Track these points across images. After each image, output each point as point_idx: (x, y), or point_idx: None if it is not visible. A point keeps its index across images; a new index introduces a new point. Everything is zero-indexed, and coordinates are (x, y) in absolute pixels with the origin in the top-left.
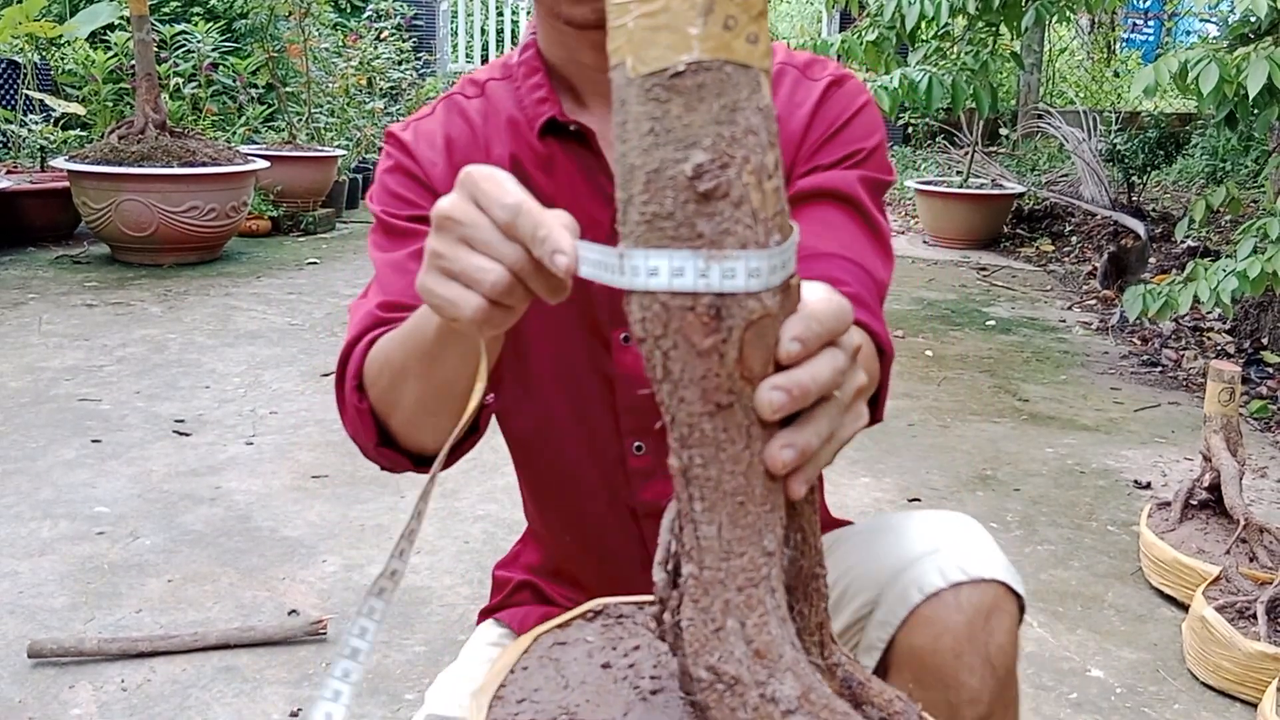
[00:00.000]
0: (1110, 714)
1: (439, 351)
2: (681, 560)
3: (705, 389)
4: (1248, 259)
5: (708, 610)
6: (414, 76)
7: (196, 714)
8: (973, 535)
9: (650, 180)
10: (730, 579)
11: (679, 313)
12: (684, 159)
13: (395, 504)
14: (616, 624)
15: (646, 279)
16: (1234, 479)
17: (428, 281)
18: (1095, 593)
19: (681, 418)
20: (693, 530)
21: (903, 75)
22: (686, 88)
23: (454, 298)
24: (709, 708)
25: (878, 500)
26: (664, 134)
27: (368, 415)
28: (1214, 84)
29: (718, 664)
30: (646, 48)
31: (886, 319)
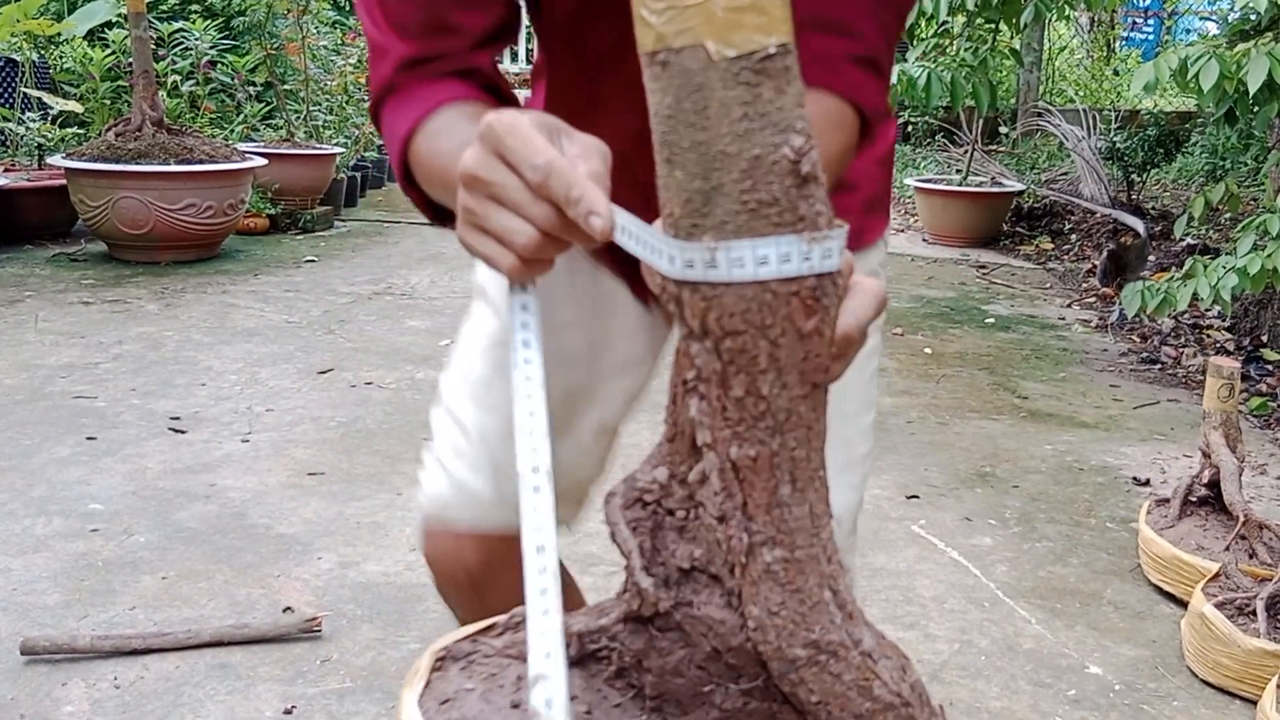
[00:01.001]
0: (1109, 711)
1: None
2: (757, 549)
3: (804, 371)
4: (1248, 255)
5: (803, 589)
6: None
7: (189, 711)
8: None
9: (751, 167)
10: (823, 553)
11: (786, 298)
12: (783, 143)
13: (391, 500)
14: (472, 664)
15: (755, 269)
16: (1233, 475)
17: (465, 236)
18: (1094, 589)
19: (780, 404)
20: (780, 515)
21: (901, 72)
22: (777, 70)
23: (490, 254)
24: (805, 682)
25: (876, 497)
26: (759, 119)
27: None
28: (1214, 80)
29: (820, 637)
30: (732, 31)
31: (885, 318)
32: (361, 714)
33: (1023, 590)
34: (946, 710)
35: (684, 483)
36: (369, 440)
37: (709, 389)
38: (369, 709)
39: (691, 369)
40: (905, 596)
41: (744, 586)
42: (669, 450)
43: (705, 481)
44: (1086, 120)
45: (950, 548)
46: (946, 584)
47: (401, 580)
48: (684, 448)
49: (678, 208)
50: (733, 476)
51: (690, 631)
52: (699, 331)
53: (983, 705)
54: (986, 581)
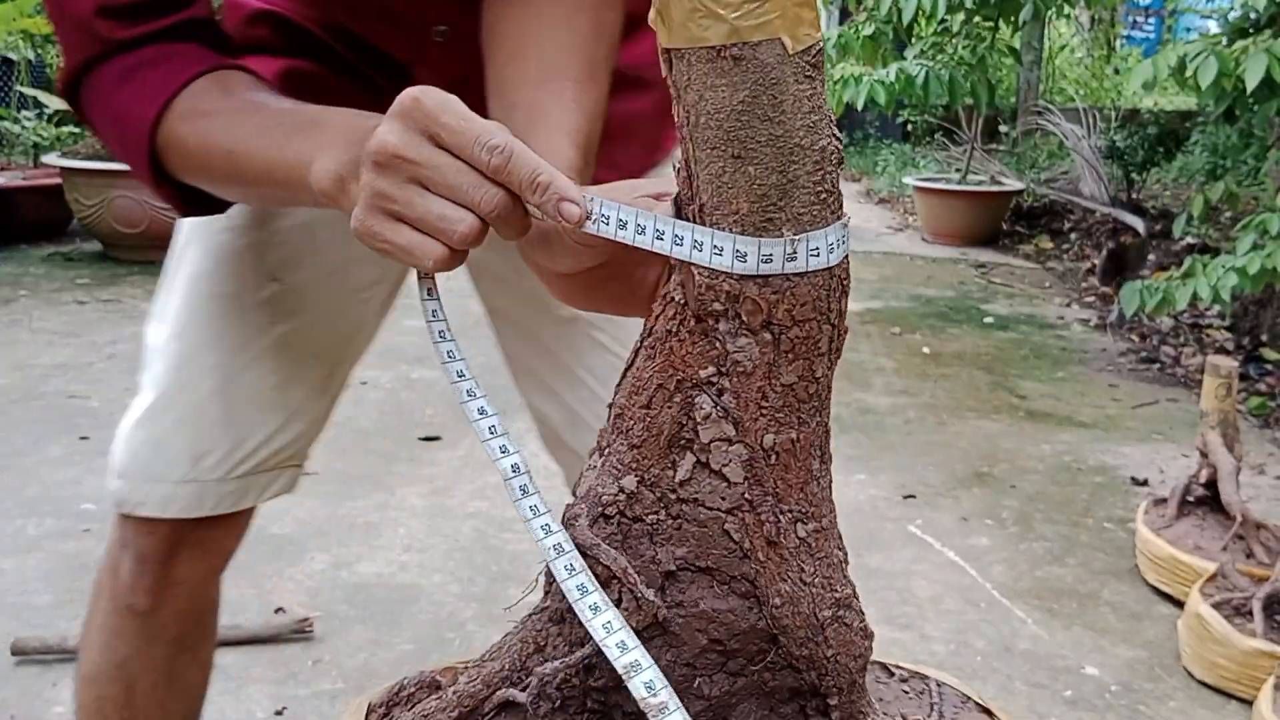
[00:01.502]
0: (1105, 712)
1: (291, 198)
2: (788, 529)
3: (836, 348)
4: (1248, 255)
5: (829, 554)
6: None
7: None
8: None
9: (820, 159)
10: (834, 517)
11: (838, 282)
12: (833, 135)
13: (385, 501)
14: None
15: (827, 257)
16: (1231, 475)
17: (374, 225)
18: (1091, 590)
19: (826, 383)
20: (812, 490)
21: (900, 70)
22: (819, 64)
23: (410, 245)
24: (826, 640)
25: (873, 497)
26: (818, 111)
27: (150, 172)
28: (1213, 77)
29: (841, 594)
30: (798, 26)
31: (883, 317)
32: None
33: (1019, 591)
34: None
35: (654, 486)
36: (363, 440)
37: (744, 381)
38: None
39: (708, 366)
40: (901, 597)
41: (770, 566)
42: (635, 457)
43: (692, 479)
44: (1086, 119)
45: (947, 548)
46: (943, 584)
47: (395, 581)
48: (656, 451)
49: (746, 203)
50: (764, 463)
51: (681, 631)
52: (759, 325)
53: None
54: (983, 582)
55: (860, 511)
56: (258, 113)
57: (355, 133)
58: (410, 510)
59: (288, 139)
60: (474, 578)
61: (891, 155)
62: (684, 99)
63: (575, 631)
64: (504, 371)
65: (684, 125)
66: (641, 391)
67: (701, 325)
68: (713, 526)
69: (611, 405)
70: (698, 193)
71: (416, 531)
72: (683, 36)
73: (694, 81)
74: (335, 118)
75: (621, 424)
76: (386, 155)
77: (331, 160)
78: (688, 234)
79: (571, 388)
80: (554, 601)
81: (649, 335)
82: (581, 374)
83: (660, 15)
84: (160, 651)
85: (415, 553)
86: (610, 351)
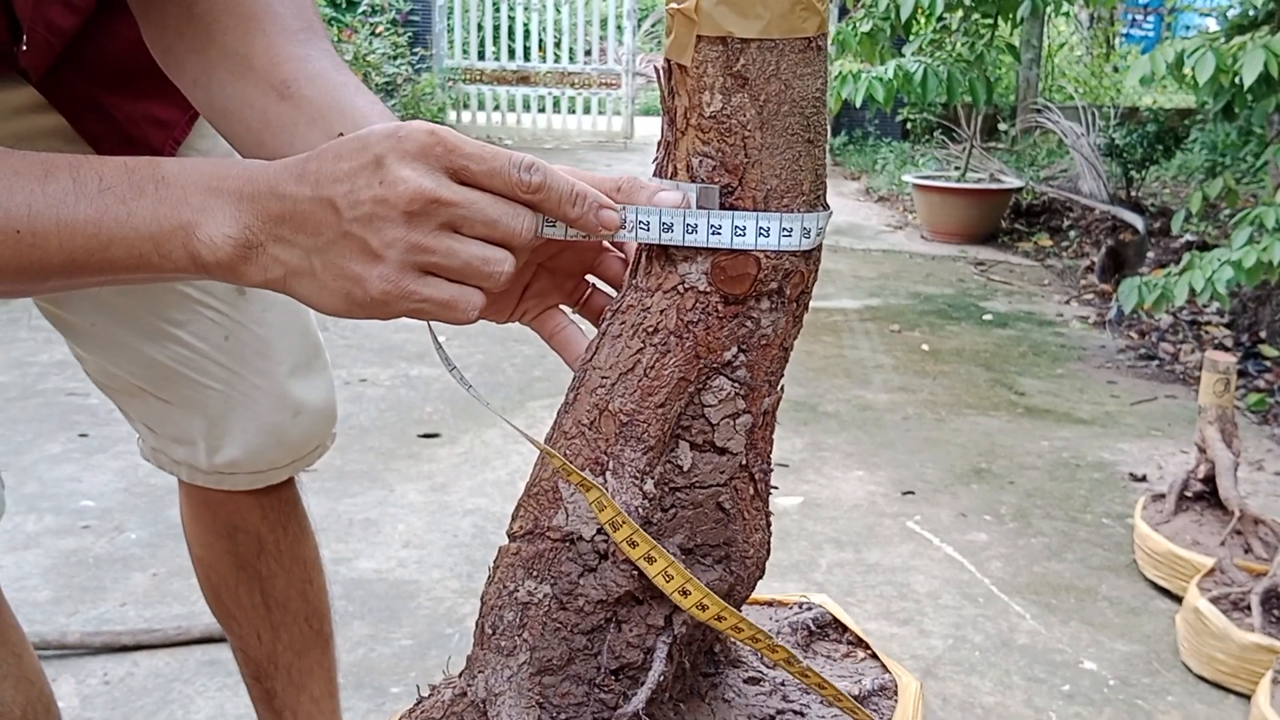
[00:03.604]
0: (1103, 706)
1: (131, 276)
2: (759, 478)
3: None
4: (1243, 249)
5: None
6: (409, 72)
7: (179, 708)
8: None
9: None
10: None
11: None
12: None
13: (384, 497)
14: None
15: (802, 239)
16: (1229, 470)
17: (409, 285)
18: (1089, 585)
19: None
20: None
21: (898, 67)
22: None
23: (452, 299)
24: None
25: (871, 493)
26: None
27: None
28: (1210, 73)
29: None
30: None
31: (882, 315)
32: (352, 710)
33: (1018, 586)
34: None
35: (664, 483)
36: (362, 437)
37: (763, 353)
38: (359, 705)
39: (732, 347)
40: (900, 592)
41: (749, 519)
42: (650, 459)
43: (694, 465)
44: (1085, 117)
45: (945, 543)
46: (941, 580)
47: (394, 577)
48: (660, 449)
49: (809, 183)
50: (759, 426)
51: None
52: (793, 296)
53: (976, 701)
54: (981, 577)
55: (859, 507)
56: (44, 175)
57: (246, 183)
58: (409, 506)
59: (126, 204)
60: (473, 573)
61: (891, 153)
62: (763, 91)
63: None
64: (503, 370)
65: (749, 120)
66: (657, 390)
67: (733, 307)
68: (708, 504)
69: (606, 413)
70: (749, 180)
71: (415, 527)
72: (782, 28)
73: (782, 71)
74: (183, 170)
75: (632, 430)
76: (422, 202)
77: (228, 224)
78: (726, 222)
79: (156, 341)
80: None
81: (656, 332)
82: (167, 327)
83: (736, 11)
84: None
85: (414, 549)
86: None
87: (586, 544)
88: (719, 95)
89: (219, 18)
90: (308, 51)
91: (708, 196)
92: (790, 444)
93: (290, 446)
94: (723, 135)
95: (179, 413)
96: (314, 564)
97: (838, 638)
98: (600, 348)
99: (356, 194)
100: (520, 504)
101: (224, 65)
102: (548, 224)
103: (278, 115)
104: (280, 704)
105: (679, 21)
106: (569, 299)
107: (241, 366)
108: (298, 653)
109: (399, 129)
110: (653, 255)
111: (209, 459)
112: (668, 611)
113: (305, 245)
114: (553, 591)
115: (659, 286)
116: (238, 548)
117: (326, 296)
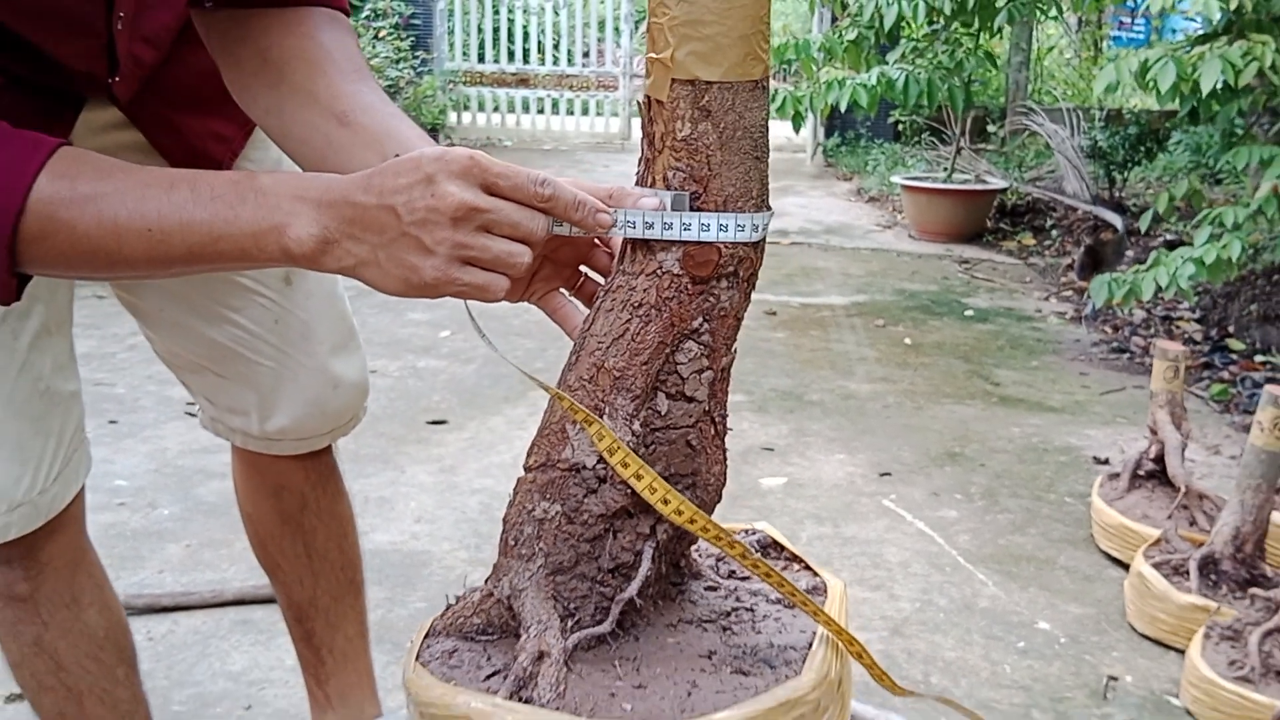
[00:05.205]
0: (1054, 660)
1: (232, 265)
2: (722, 420)
3: None
4: (1204, 246)
5: None
6: (411, 75)
7: (216, 660)
8: None
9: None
10: None
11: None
12: None
13: (396, 478)
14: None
15: (752, 233)
16: (1176, 450)
17: (454, 272)
18: (1049, 556)
19: (742, 316)
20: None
21: (881, 73)
22: None
23: (485, 282)
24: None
25: (851, 474)
26: None
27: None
28: (1171, 82)
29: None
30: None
31: (868, 311)
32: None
33: (983, 557)
34: (905, 660)
35: (648, 424)
36: (374, 424)
37: (722, 322)
38: (380, 658)
39: (698, 317)
40: (873, 562)
41: (711, 453)
42: (636, 404)
43: (669, 410)
44: (1070, 119)
45: (918, 519)
46: (912, 551)
47: (407, 549)
48: (645, 398)
49: (756, 190)
50: (719, 380)
51: None
52: (745, 277)
53: (939, 655)
54: (949, 549)
55: (839, 487)
56: (168, 187)
57: (324, 193)
58: (420, 486)
59: (233, 209)
60: (481, 545)
61: (882, 155)
62: (722, 120)
63: None
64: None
65: (711, 142)
66: (643, 351)
67: (699, 287)
68: (679, 441)
69: (603, 370)
70: (712, 188)
71: (426, 505)
72: (736, 74)
73: (736, 106)
74: (279, 183)
75: (623, 383)
76: (465, 210)
77: (312, 225)
78: (694, 221)
79: (216, 325)
80: None
81: (640, 306)
82: (226, 313)
83: (701, 61)
84: (61, 615)
85: (426, 523)
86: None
87: (589, 471)
88: (688, 124)
89: (289, 61)
90: (360, 88)
91: (680, 201)
92: (776, 429)
93: (330, 416)
94: (691, 154)
95: (235, 387)
96: (349, 520)
97: (777, 555)
98: (596, 319)
99: (413, 203)
100: (534, 443)
101: (293, 99)
102: (556, 224)
103: (338, 139)
104: (318, 642)
105: (657, 67)
106: (567, 284)
107: (289, 346)
108: (335, 597)
109: (445, 153)
110: (636, 247)
111: (260, 426)
112: (653, 522)
113: (372, 241)
114: (562, 510)
115: (642, 271)
116: (283, 505)
117: (389, 281)
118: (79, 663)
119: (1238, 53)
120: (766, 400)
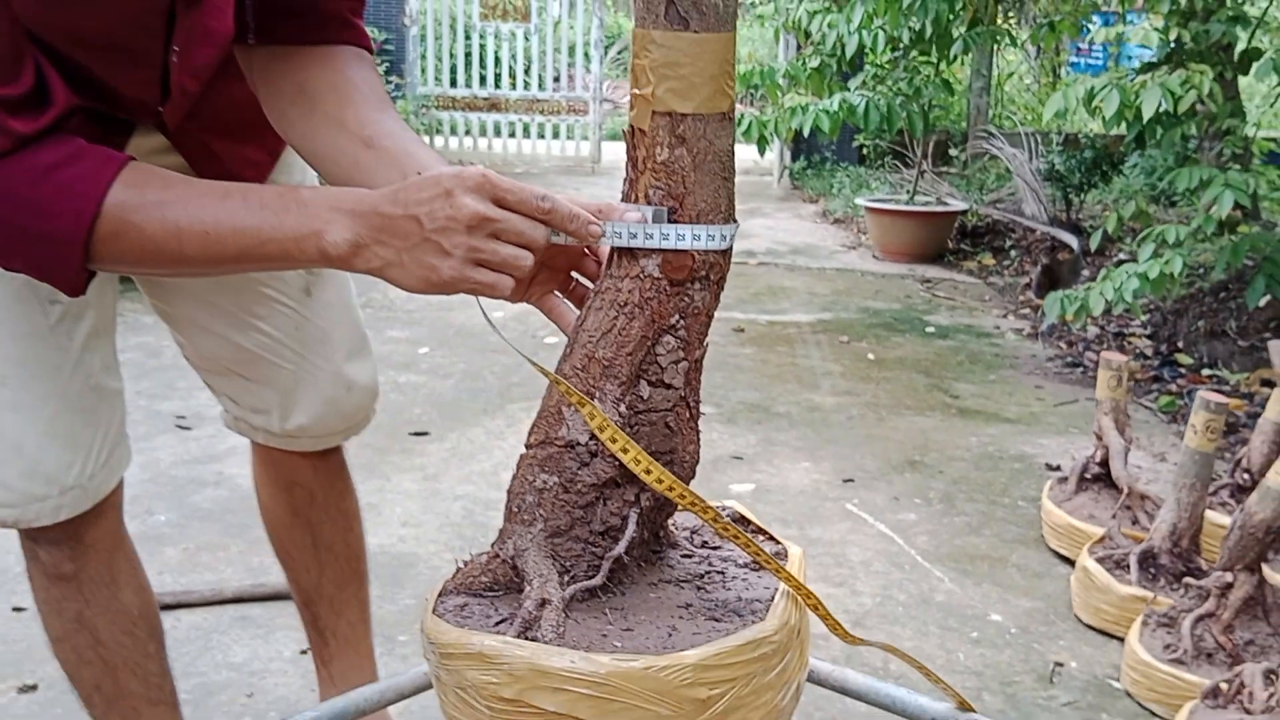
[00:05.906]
0: (1004, 648)
1: (275, 265)
2: (696, 405)
3: None
4: (1148, 262)
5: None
6: None
7: (219, 653)
8: None
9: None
10: None
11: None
12: None
13: (382, 486)
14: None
15: (721, 242)
16: (1120, 454)
17: (468, 272)
18: (1002, 555)
19: (713, 314)
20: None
21: (843, 99)
22: None
23: (494, 281)
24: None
25: (815, 481)
26: None
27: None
28: (1115, 108)
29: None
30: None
31: (833, 328)
32: None
33: (940, 556)
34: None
35: (632, 406)
36: (359, 435)
37: (695, 319)
38: None
39: (674, 315)
40: (836, 561)
41: (687, 434)
42: (622, 390)
43: (651, 395)
44: (1029, 143)
45: (879, 522)
46: (873, 551)
47: (395, 550)
48: (630, 384)
49: (725, 205)
50: (693, 369)
51: None
52: (715, 280)
53: (897, 645)
54: (908, 549)
55: (804, 493)
56: (223, 196)
57: (357, 204)
58: (405, 493)
59: (278, 216)
60: (464, 547)
61: (847, 177)
62: (695, 146)
63: None
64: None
65: (686, 165)
66: (628, 343)
67: (676, 288)
68: (659, 423)
69: (594, 360)
70: (687, 204)
71: (412, 510)
72: (707, 107)
73: (707, 134)
74: (317, 195)
75: (611, 371)
76: (478, 219)
77: (346, 231)
78: (672, 232)
79: (243, 331)
80: None
81: (625, 305)
82: (252, 320)
83: (677, 96)
84: (101, 594)
85: (411, 527)
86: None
87: (582, 447)
88: (666, 149)
89: (322, 93)
90: (382, 117)
91: (659, 215)
92: (745, 440)
93: (345, 415)
94: (669, 175)
95: (258, 388)
96: (354, 515)
97: (744, 527)
98: (587, 316)
99: (434, 214)
100: (534, 424)
101: (325, 125)
102: (554, 234)
103: (364, 160)
104: (323, 625)
105: (640, 101)
106: (561, 287)
107: (308, 351)
108: (339, 585)
109: (462, 171)
110: (622, 254)
111: (281, 425)
112: (637, 491)
113: (397, 245)
114: (559, 480)
115: (627, 274)
116: (294, 499)
117: (411, 280)
118: (115, 638)
119: (1177, 81)
120: (735, 412)
